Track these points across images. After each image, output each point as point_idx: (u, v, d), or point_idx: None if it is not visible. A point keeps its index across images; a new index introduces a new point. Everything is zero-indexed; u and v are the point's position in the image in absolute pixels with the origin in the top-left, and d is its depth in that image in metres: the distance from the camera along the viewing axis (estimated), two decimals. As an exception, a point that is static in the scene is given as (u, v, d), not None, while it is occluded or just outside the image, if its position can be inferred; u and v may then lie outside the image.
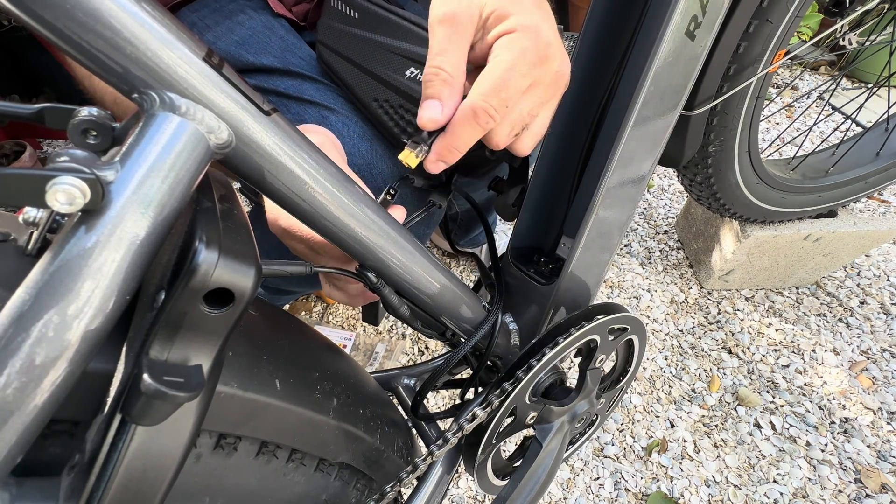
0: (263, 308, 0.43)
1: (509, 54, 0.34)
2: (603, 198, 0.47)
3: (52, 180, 0.20)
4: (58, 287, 0.21)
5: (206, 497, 0.37)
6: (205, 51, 0.25)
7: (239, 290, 0.25)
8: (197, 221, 0.25)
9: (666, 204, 1.67)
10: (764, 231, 1.18)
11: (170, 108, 0.24)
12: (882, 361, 1.21)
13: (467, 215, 1.28)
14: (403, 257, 0.40)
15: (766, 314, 1.32)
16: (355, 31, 0.61)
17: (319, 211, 0.33)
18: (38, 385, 0.22)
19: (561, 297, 0.53)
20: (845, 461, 1.03)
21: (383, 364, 1.17)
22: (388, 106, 0.62)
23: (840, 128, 1.76)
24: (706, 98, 0.79)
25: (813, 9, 1.87)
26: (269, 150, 0.29)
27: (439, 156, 0.39)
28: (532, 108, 0.37)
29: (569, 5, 2.10)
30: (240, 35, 0.67)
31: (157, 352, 0.25)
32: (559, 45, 0.37)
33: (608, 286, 1.39)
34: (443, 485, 0.52)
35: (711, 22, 0.41)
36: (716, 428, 1.08)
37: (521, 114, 0.37)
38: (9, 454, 0.22)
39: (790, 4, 0.72)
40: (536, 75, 0.36)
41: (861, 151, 1.18)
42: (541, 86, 0.37)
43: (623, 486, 0.99)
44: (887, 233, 1.23)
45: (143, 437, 0.27)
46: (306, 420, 0.39)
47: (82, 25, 0.21)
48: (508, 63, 0.34)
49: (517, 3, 0.36)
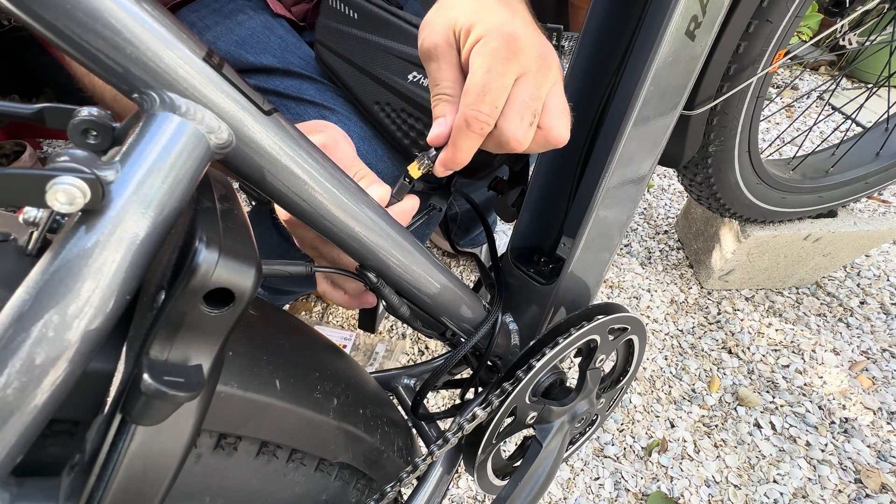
0: (263, 308, 0.43)
1: (481, 59, 0.36)
2: (603, 198, 0.47)
3: (53, 180, 0.20)
4: (58, 287, 0.21)
5: (206, 497, 0.37)
6: (205, 51, 0.25)
7: (239, 290, 0.25)
8: (197, 221, 0.25)
9: (666, 204, 1.67)
10: (764, 231, 1.18)
11: (170, 108, 0.24)
12: (882, 361, 1.21)
13: (467, 215, 1.28)
14: (403, 257, 0.40)
15: (766, 314, 1.32)
16: (355, 31, 0.61)
17: (319, 211, 0.33)
18: (38, 385, 0.22)
19: (561, 297, 0.53)
20: (845, 461, 1.03)
21: (383, 364, 1.17)
22: (391, 109, 0.62)
23: (840, 128, 1.76)
24: (706, 98, 0.79)
25: (813, 9, 1.87)
26: (269, 150, 0.29)
27: (445, 165, 0.40)
28: (532, 94, 0.37)
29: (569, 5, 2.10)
30: (239, 35, 0.67)
31: (158, 352, 0.25)
32: (530, 33, 0.37)
33: (608, 286, 1.39)
34: (443, 485, 0.52)
35: (711, 22, 0.41)
36: (716, 428, 1.08)
37: (524, 103, 0.37)
38: (9, 454, 0.22)
39: (790, 4, 0.72)
40: (518, 67, 0.36)
41: (861, 151, 1.18)
42: (529, 73, 0.37)
43: (623, 486, 0.99)
44: (887, 233, 1.23)
45: (143, 436, 0.27)
46: (306, 420, 0.39)
47: (82, 25, 0.21)
48: (483, 67, 0.36)
49: (481, 10, 0.37)
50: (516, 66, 0.36)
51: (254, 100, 0.27)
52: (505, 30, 0.36)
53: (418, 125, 0.62)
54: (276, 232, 0.77)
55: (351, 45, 0.62)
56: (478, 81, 0.36)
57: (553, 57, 0.39)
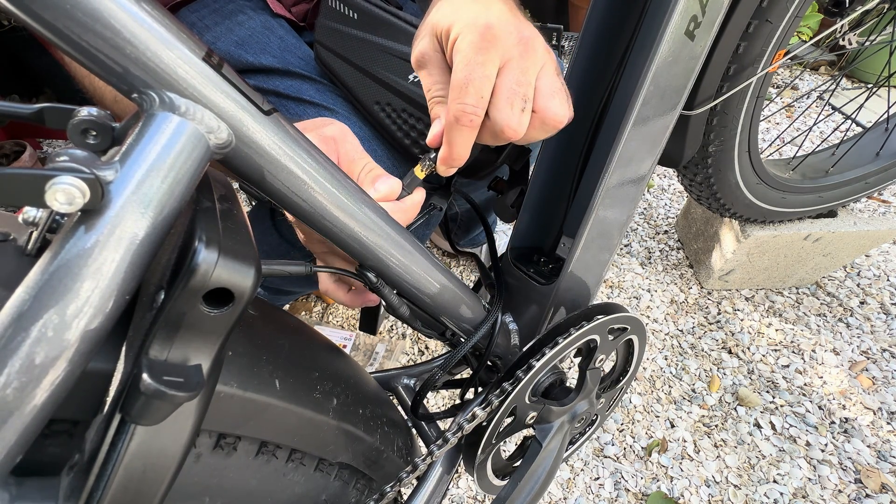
0: (263, 308, 0.43)
1: (460, 55, 0.37)
2: (603, 198, 0.47)
3: (52, 180, 0.20)
4: (57, 287, 0.21)
5: (205, 497, 0.37)
6: (204, 51, 0.25)
7: (239, 289, 0.25)
8: (197, 221, 0.25)
9: (666, 204, 1.67)
10: (764, 231, 1.18)
11: (169, 108, 0.24)
12: (882, 361, 1.21)
13: (467, 215, 1.28)
14: (403, 257, 0.40)
15: (766, 314, 1.32)
16: (354, 32, 0.61)
17: (319, 211, 0.33)
18: (37, 385, 0.22)
19: (561, 297, 0.53)
20: (845, 461, 1.03)
21: (383, 364, 1.17)
22: (391, 110, 0.62)
23: (840, 128, 1.76)
24: (706, 98, 0.79)
25: (813, 9, 1.87)
26: (269, 150, 0.29)
27: (445, 163, 0.41)
28: (518, 80, 0.37)
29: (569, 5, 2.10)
30: (239, 35, 0.67)
31: (157, 351, 0.25)
32: (506, 21, 0.37)
33: (608, 286, 1.39)
34: (443, 485, 0.52)
35: (711, 22, 0.41)
36: (716, 428, 1.08)
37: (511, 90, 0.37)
38: (9, 454, 0.22)
39: (790, 4, 0.72)
40: (499, 56, 0.37)
41: (861, 151, 1.18)
42: (512, 60, 0.37)
43: (623, 486, 0.99)
44: (887, 233, 1.23)
45: (143, 436, 0.27)
46: (306, 420, 0.39)
47: (82, 25, 0.21)
48: (463, 62, 0.36)
49: (457, 10, 0.38)
50: (496, 54, 0.36)
51: (253, 100, 0.27)
52: (479, 22, 0.37)
53: (419, 125, 0.62)
54: (276, 232, 0.77)
55: (351, 45, 0.62)
56: (459, 76, 0.36)
57: (536, 40, 0.38)
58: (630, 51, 0.46)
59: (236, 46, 0.66)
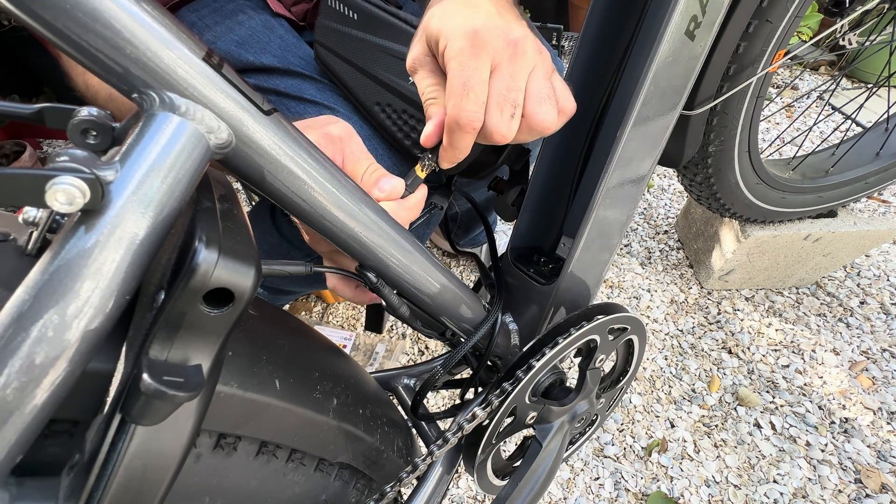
0: (263, 308, 0.43)
1: (454, 62, 0.37)
2: (603, 198, 0.47)
3: (52, 180, 0.20)
4: (57, 287, 0.21)
5: (205, 497, 0.37)
6: (204, 51, 0.25)
7: (239, 289, 0.25)
8: (197, 221, 0.25)
9: (666, 204, 1.67)
10: (764, 231, 1.18)
11: (169, 108, 0.24)
12: (882, 361, 1.21)
13: (467, 215, 1.28)
14: (403, 257, 0.40)
15: (766, 314, 1.32)
16: (354, 32, 0.61)
17: (319, 211, 0.33)
18: (38, 385, 0.22)
19: (561, 297, 0.53)
20: (845, 461, 1.03)
21: (383, 364, 1.17)
22: (391, 110, 0.61)
23: (840, 128, 1.76)
24: (706, 98, 0.79)
25: (813, 9, 1.87)
26: (269, 150, 0.29)
27: (445, 161, 0.42)
28: (508, 86, 0.37)
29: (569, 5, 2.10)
30: (239, 35, 0.67)
31: (157, 351, 0.25)
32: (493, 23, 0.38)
33: (608, 286, 1.39)
34: (443, 485, 0.52)
35: (711, 22, 0.41)
36: (716, 428, 1.08)
37: (501, 96, 0.37)
38: (9, 454, 0.22)
39: (790, 4, 0.72)
40: (489, 59, 0.37)
41: (861, 151, 1.18)
42: (502, 64, 0.37)
43: (623, 486, 0.99)
44: (887, 233, 1.23)
45: (143, 436, 0.27)
46: (306, 420, 0.39)
47: (82, 25, 0.21)
48: (457, 68, 0.37)
49: (446, 16, 0.38)
50: (486, 58, 0.37)
51: (253, 100, 0.27)
52: (465, 28, 0.37)
53: (420, 126, 0.62)
54: (276, 232, 0.77)
55: (351, 45, 0.61)
56: (457, 82, 0.37)
57: (526, 41, 0.38)
58: (630, 51, 0.46)
59: (236, 46, 0.66)
